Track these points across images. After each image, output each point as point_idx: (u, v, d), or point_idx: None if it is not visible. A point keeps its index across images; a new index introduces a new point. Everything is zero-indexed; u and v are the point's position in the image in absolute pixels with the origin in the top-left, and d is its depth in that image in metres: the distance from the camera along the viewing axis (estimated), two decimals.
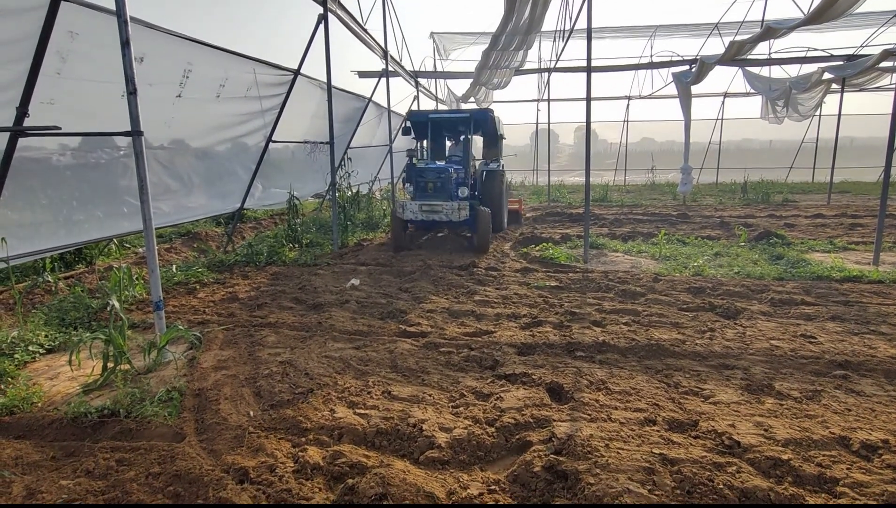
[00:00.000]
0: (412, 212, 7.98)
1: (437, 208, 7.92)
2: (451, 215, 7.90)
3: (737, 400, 3.31)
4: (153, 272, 4.03)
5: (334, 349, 4.18)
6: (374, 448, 2.85)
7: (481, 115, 9.00)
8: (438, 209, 7.92)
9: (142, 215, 3.94)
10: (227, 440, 2.86)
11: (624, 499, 2.29)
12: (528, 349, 4.23)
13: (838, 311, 5.06)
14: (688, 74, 12.91)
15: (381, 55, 10.74)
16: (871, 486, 2.42)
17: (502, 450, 2.85)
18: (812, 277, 6.33)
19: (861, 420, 3.04)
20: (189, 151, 7.33)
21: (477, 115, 8.94)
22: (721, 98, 19.83)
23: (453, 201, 7.98)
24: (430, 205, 7.95)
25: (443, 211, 7.90)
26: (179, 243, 8.82)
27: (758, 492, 2.36)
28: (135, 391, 3.34)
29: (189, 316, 5.09)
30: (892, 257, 7.46)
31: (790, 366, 3.86)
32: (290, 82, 8.26)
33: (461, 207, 7.88)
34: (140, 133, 3.80)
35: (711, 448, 2.77)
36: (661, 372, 3.76)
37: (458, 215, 7.89)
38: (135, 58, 3.83)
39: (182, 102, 6.29)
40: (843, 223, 10.67)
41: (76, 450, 2.80)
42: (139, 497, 2.39)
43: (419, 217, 8.01)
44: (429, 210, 7.94)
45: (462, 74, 14.81)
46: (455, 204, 7.89)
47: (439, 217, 7.96)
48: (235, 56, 6.86)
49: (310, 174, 10.81)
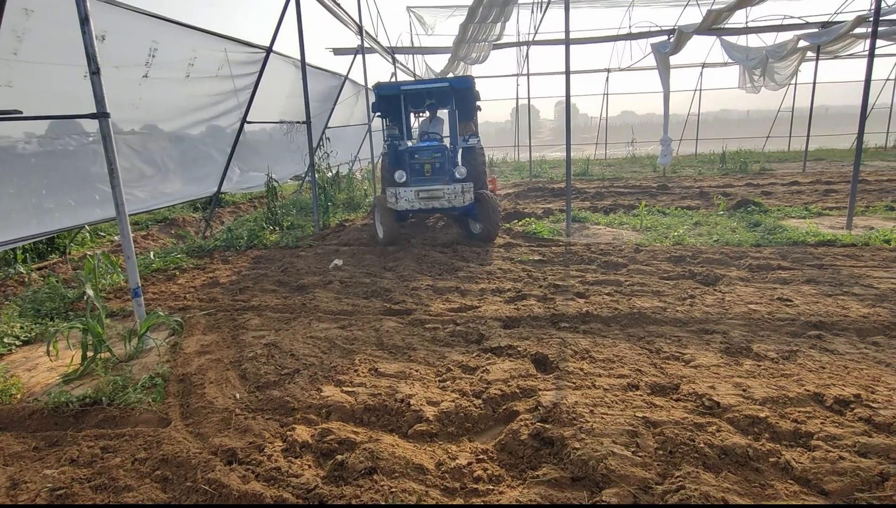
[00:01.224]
0: (407, 201, 6.78)
1: (436, 193, 6.78)
2: (454, 201, 6.80)
3: (716, 363, 3.39)
4: (129, 259, 3.93)
5: (319, 330, 4.16)
6: (363, 424, 2.87)
7: (461, 83, 7.69)
8: (438, 195, 6.78)
9: (114, 201, 3.83)
10: (214, 423, 2.85)
11: (609, 462, 2.35)
12: (513, 322, 4.26)
13: (813, 274, 5.19)
14: (666, 44, 12.87)
15: (355, 31, 10.47)
16: (843, 438, 2.52)
17: (490, 421, 2.89)
18: (788, 242, 6.46)
19: (834, 377, 3.15)
20: (161, 134, 7.13)
21: (457, 83, 7.66)
22: (699, 68, 19.86)
23: (455, 184, 6.85)
24: (429, 191, 6.78)
25: (444, 197, 6.77)
26: (156, 230, 8.63)
27: (737, 449, 2.44)
28: (117, 379, 3.30)
29: (170, 303, 5.01)
30: (864, 221, 7.65)
31: (767, 328, 3.96)
32: (262, 60, 8.03)
33: (465, 189, 6.81)
34: (106, 115, 3.66)
35: (692, 409, 2.85)
36: (644, 339, 3.83)
37: (461, 200, 6.81)
38: (96, 36, 3.67)
39: (149, 82, 6.07)
40: (817, 190, 10.89)
41: (59, 440, 2.77)
42: (126, 483, 2.37)
43: (416, 206, 6.82)
44: (427, 197, 6.78)
45: (440, 49, 14.56)
46: (458, 187, 6.78)
47: (440, 204, 6.82)
48: (203, 33, 6.62)
49: (288, 156, 10.61)
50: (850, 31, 11.24)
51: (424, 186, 6.89)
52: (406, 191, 6.82)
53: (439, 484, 2.35)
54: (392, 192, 6.86)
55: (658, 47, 13.12)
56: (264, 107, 8.84)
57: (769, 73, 15.18)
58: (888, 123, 19.33)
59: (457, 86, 7.62)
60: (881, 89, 18.95)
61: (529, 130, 16.93)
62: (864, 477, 2.24)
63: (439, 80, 7.82)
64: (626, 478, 2.27)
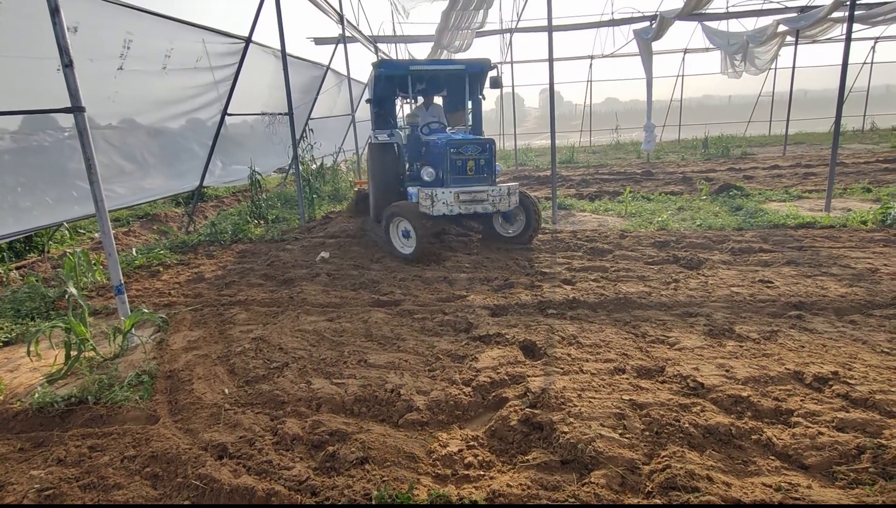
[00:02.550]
0: (445, 204, 5.62)
1: (479, 195, 5.71)
2: (499, 204, 5.79)
3: (700, 345, 3.46)
4: (111, 256, 3.87)
5: (307, 323, 4.14)
6: (353, 415, 2.88)
7: (478, 67, 6.64)
8: (482, 197, 5.73)
9: (93, 197, 3.75)
10: (204, 419, 2.84)
11: (597, 444, 2.39)
12: (501, 310, 4.29)
13: (793, 256, 5.30)
14: (648, 30, 12.91)
15: (336, 20, 10.32)
16: (822, 415, 2.59)
17: (479, 408, 2.92)
18: (769, 225, 6.58)
19: (813, 356, 3.23)
20: (140, 128, 6.98)
21: (473, 67, 6.61)
22: (682, 54, 19.98)
23: (501, 186, 5.89)
24: (472, 193, 5.69)
25: (487, 199, 5.74)
26: (138, 226, 8.49)
27: (720, 428, 2.50)
28: (102, 378, 3.25)
29: (154, 299, 4.94)
30: (842, 203, 7.81)
31: (749, 310, 4.04)
32: (242, 51, 7.88)
33: (511, 191, 5.88)
34: (81, 109, 3.57)
35: (677, 390, 2.90)
36: (629, 324, 3.88)
37: (507, 204, 5.85)
38: (68, 28, 3.56)
39: (125, 75, 5.93)
40: (797, 173, 11.08)
41: (45, 440, 2.73)
42: (116, 481, 2.36)
43: (455, 211, 5.68)
44: (469, 200, 5.69)
45: (422, 37, 14.43)
46: (504, 189, 5.81)
47: (483, 207, 5.76)
48: (180, 24, 6.47)
49: (271, 148, 10.47)
50: (828, 15, 11.38)
51: (466, 187, 5.75)
52: (445, 193, 5.64)
53: (431, 472, 2.38)
54: (427, 193, 5.68)
55: (640, 33, 13.16)
56: (245, 99, 8.69)
57: (750, 58, 15.32)
58: (865, 107, 19.70)
59: (473, 70, 6.67)
60: (858, 73, 19.27)
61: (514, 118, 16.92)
62: (842, 451, 2.31)
63: (454, 61, 6.89)
64: (613, 459, 2.32)
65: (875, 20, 11.85)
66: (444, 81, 7.29)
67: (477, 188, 5.76)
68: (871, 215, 6.49)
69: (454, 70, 6.65)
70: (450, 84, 7.29)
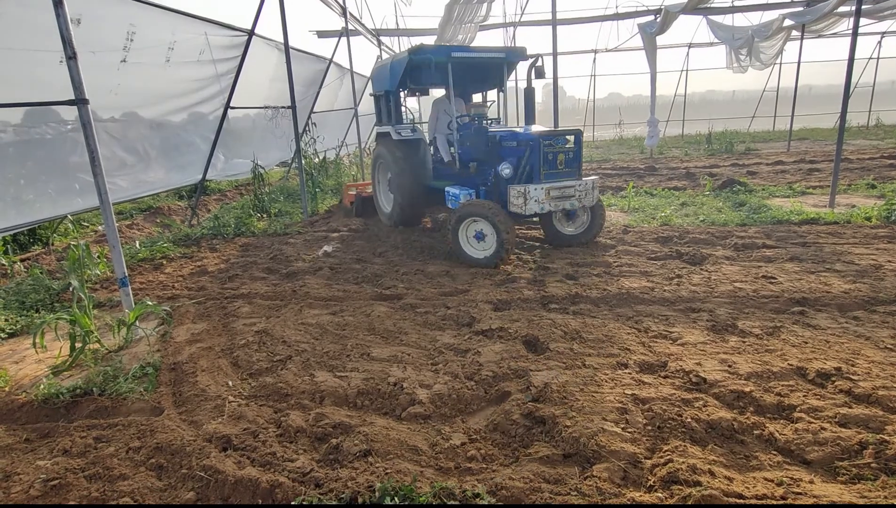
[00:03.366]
0: (537, 202, 5.27)
1: (568, 190, 5.42)
2: (585, 199, 5.55)
3: (703, 340, 3.46)
4: (114, 248, 3.88)
5: (310, 316, 4.15)
6: (357, 408, 2.89)
7: (517, 56, 6.40)
8: (571, 193, 5.44)
9: (96, 189, 3.76)
10: (208, 411, 2.85)
11: (599, 438, 2.40)
12: (504, 304, 4.30)
13: (796, 252, 5.28)
14: (653, 24, 12.83)
15: (339, 13, 10.28)
16: (824, 410, 2.60)
17: (482, 402, 2.93)
18: (772, 221, 6.56)
19: (816, 352, 3.23)
20: (142, 122, 6.97)
21: (512, 56, 6.37)
22: (686, 49, 19.85)
23: (586, 179, 5.61)
24: (561, 188, 5.38)
25: (576, 195, 5.48)
26: (141, 219, 8.50)
27: (722, 423, 2.50)
28: (107, 370, 3.27)
29: (158, 292, 4.96)
30: (846, 199, 7.78)
31: (752, 306, 4.04)
32: (244, 44, 7.86)
33: (594, 185, 5.64)
34: (85, 101, 3.58)
35: (680, 385, 2.91)
36: (632, 319, 3.88)
37: (591, 198, 5.62)
38: (71, 20, 3.56)
39: (128, 67, 5.92)
40: (801, 169, 11.02)
41: (50, 431, 2.75)
42: (121, 472, 2.37)
43: (546, 208, 5.36)
44: (559, 196, 5.38)
45: (426, 31, 14.36)
46: (589, 183, 5.56)
47: (570, 204, 5.48)
48: (182, 16, 6.45)
49: (273, 142, 10.46)
50: (834, 9, 11.28)
51: (557, 183, 5.40)
52: (538, 190, 5.27)
53: (433, 464, 2.39)
54: (520, 191, 5.30)
55: (644, 27, 13.08)
56: (248, 92, 8.67)
57: (755, 52, 15.22)
58: (871, 102, 19.56)
59: (512, 58, 6.38)
60: (864, 68, 19.13)
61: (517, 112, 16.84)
62: (844, 447, 2.31)
63: (494, 49, 6.47)
64: (615, 454, 2.33)
65: (882, 15, 11.75)
66: (486, 71, 6.91)
67: (567, 183, 5.44)
68: (876, 212, 6.46)
69: (495, 58, 6.31)
70: (474, 73, 6.84)
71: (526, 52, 6.50)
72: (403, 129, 6.65)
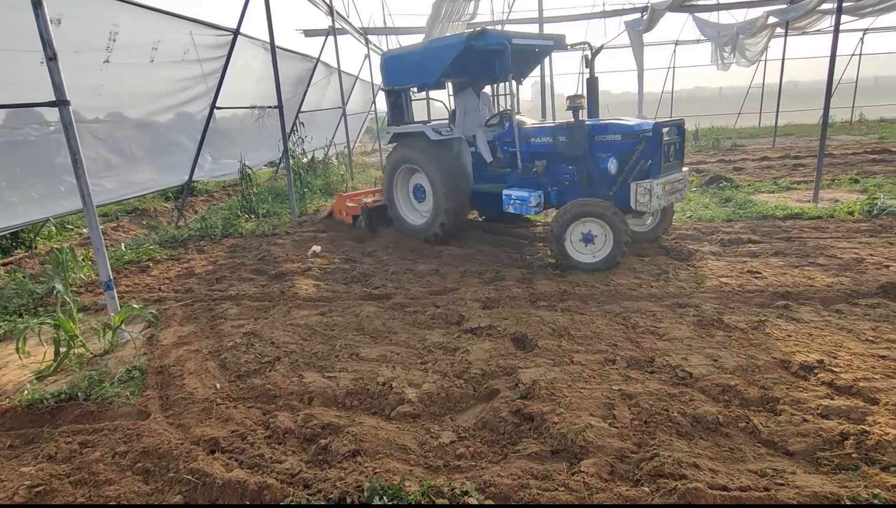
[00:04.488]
0: (658, 198, 4.91)
1: (678, 184, 5.21)
2: (684, 191, 5.41)
3: (689, 335, 3.50)
4: (99, 251, 3.84)
5: (299, 317, 4.14)
6: (346, 408, 2.89)
7: (560, 46, 6.02)
8: (679, 186, 5.25)
9: (80, 192, 3.71)
10: (195, 414, 2.84)
11: (586, 434, 2.42)
12: (493, 302, 4.31)
13: (781, 247, 5.35)
14: (640, 22, 12.89)
15: (326, 11, 10.22)
16: (807, 402, 2.64)
17: (471, 400, 2.94)
18: (758, 216, 6.64)
19: (800, 345, 3.28)
20: (128, 122, 6.89)
21: (558, 45, 6.01)
22: (673, 46, 20.01)
23: (684, 170, 5.44)
24: (673, 182, 5.12)
25: (681, 188, 5.30)
26: (127, 221, 8.41)
27: (708, 416, 2.54)
28: (92, 374, 3.24)
29: (144, 295, 4.91)
30: (830, 194, 7.89)
31: (737, 300, 4.09)
32: (230, 43, 7.79)
33: (689, 177, 5.51)
34: (66, 102, 3.52)
35: (666, 380, 2.94)
36: (620, 315, 3.92)
37: (687, 190, 5.51)
38: (51, 20, 3.51)
39: (111, 68, 5.84)
40: (786, 164, 11.16)
41: (35, 437, 2.72)
42: (107, 477, 2.35)
43: (662, 204, 5.04)
44: (671, 190, 5.12)
45: (413, 29, 14.33)
46: (685, 173, 5.39)
47: (676, 198, 5.28)
48: (166, 15, 6.37)
49: (261, 142, 10.38)
50: (817, 6, 11.42)
51: (669, 176, 5.09)
52: (659, 185, 4.90)
53: (422, 463, 2.40)
54: (646, 187, 4.85)
55: (632, 25, 13.14)
56: (234, 92, 8.59)
57: (740, 49, 15.37)
58: (854, 98, 19.84)
59: (557, 48, 5.99)
60: (846, 65, 19.39)
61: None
62: (826, 438, 2.35)
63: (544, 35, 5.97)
64: (603, 449, 2.35)
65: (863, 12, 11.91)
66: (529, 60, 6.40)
67: (676, 176, 5.19)
68: (858, 206, 6.57)
69: (544, 46, 5.79)
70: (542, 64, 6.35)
71: (565, 40, 6.06)
72: (442, 127, 5.95)
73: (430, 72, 5.77)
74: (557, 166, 5.54)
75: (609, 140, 5.21)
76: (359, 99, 17.92)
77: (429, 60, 5.75)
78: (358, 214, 6.99)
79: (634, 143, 5.02)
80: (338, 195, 7.67)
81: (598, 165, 5.25)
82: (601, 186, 5.24)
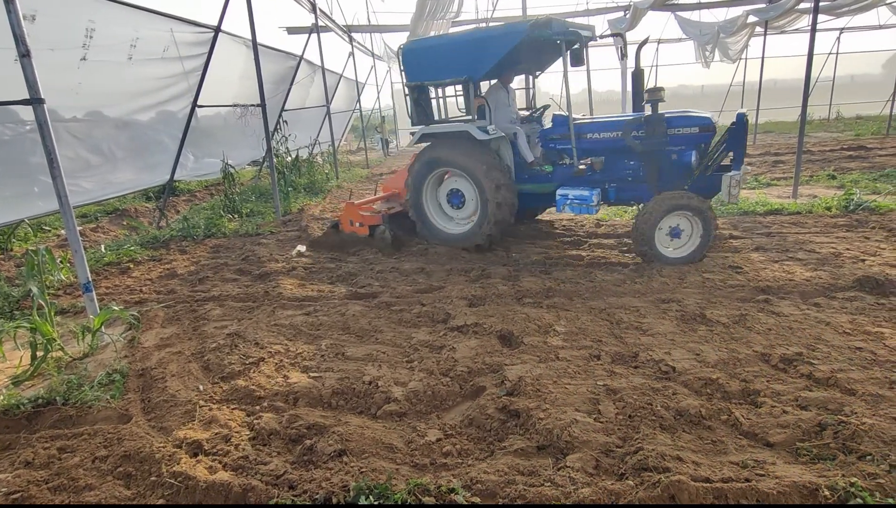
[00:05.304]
0: (734, 198, 4.90)
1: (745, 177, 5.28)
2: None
3: (672, 330, 3.54)
4: (77, 252, 3.76)
5: (284, 317, 4.10)
6: (331, 408, 2.87)
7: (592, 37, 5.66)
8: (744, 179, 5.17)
9: (56, 192, 3.63)
10: (178, 416, 2.79)
11: (572, 429, 2.44)
12: (479, 300, 4.31)
13: (761, 242, 5.45)
14: (623, 20, 13.01)
15: (309, 9, 10.13)
16: (786, 394, 2.69)
17: (458, 397, 2.94)
18: (739, 212, 6.74)
19: (780, 338, 3.34)
20: (107, 121, 6.76)
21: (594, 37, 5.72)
22: (655, 45, 20.21)
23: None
24: (742, 175, 5.03)
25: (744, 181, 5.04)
26: (107, 222, 8.24)
27: (691, 409, 2.57)
28: (71, 378, 3.17)
29: (125, 296, 4.82)
30: (808, 190, 8.04)
31: (719, 295, 4.15)
32: (211, 41, 7.67)
33: None
34: (40, 101, 3.44)
35: (650, 375, 2.97)
36: (605, 311, 3.95)
37: None
38: (24, 16, 3.42)
39: (89, 65, 5.72)
40: (767, 161, 11.36)
41: (11, 443, 2.65)
42: (87, 482, 2.31)
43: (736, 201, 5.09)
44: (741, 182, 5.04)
45: (398, 27, 14.28)
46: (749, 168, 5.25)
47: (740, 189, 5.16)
48: (143, 12, 6.25)
49: (244, 140, 10.26)
50: (795, 5, 11.64)
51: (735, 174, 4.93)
52: (741, 177, 4.90)
53: (409, 461, 2.39)
54: (737, 179, 4.78)
55: (615, 24, 13.26)
56: (216, 90, 8.47)
57: (721, 48, 15.60)
58: (831, 96, 20.23)
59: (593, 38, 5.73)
60: (824, 63, 19.77)
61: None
62: (805, 428, 2.40)
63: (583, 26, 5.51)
64: (588, 443, 2.36)
65: (839, 11, 12.16)
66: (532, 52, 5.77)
67: (746, 169, 5.03)
68: (835, 202, 6.71)
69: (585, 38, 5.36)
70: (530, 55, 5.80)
71: (595, 30, 5.77)
72: (486, 125, 5.44)
73: (478, 64, 5.26)
74: (618, 162, 5.33)
75: (686, 133, 5.05)
76: (343, 97, 17.79)
77: (476, 52, 5.25)
78: (377, 223, 6.01)
79: (710, 135, 4.97)
80: (346, 204, 6.29)
81: (670, 159, 5.09)
82: (674, 180, 5.07)
